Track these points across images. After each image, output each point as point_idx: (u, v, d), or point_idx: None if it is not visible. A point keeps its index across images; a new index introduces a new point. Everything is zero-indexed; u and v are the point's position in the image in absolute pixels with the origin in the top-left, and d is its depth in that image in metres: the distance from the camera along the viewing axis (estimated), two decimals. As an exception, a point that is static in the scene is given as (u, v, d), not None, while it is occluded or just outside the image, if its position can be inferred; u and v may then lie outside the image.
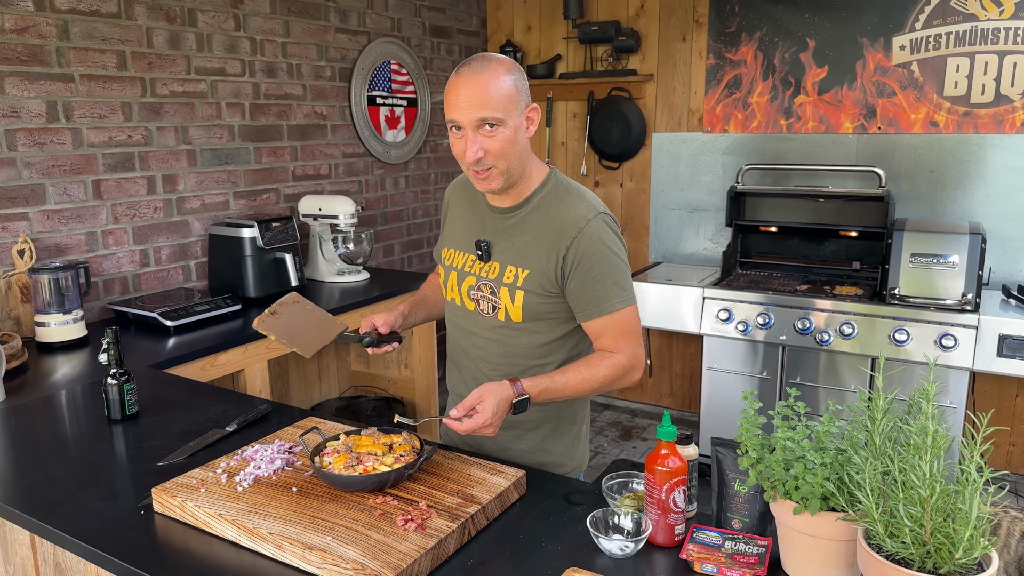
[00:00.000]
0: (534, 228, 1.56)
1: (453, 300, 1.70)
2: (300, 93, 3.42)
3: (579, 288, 1.53)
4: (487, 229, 1.63)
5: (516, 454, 1.67)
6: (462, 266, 1.66)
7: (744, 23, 3.84)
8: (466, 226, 1.68)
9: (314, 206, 3.29)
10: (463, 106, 1.43)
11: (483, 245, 1.60)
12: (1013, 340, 2.94)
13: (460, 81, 1.45)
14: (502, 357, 1.63)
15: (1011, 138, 3.38)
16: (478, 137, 1.44)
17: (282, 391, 3.44)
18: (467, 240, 1.66)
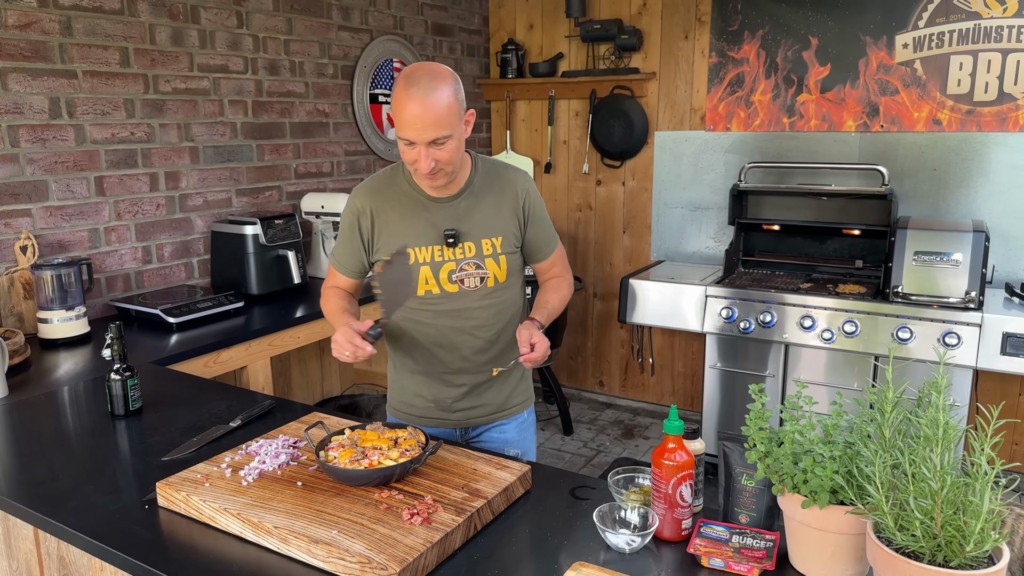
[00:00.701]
0: (488, 201, 1.79)
1: (429, 292, 1.78)
2: (303, 91, 3.42)
3: (536, 235, 1.85)
4: (444, 218, 1.76)
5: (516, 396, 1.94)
6: (431, 259, 1.76)
7: (747, 21, 3.84)
8: (414, 224, 1.77)
9: (316, 204, 3.29)
10: (417, 128, 1.58)
11: (451, 232, 1.75)
12: (1016, 338, 2.93)
13: (412, 104, 1.57)
14: (494, 317, 1.83)
15: (1014, 136, 3.38)
16: (430, 151, 1.60)
17: (284, 388, 3.43)
18: (425, 235, 1.76)
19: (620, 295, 3.74)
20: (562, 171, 4.57)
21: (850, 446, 1.07)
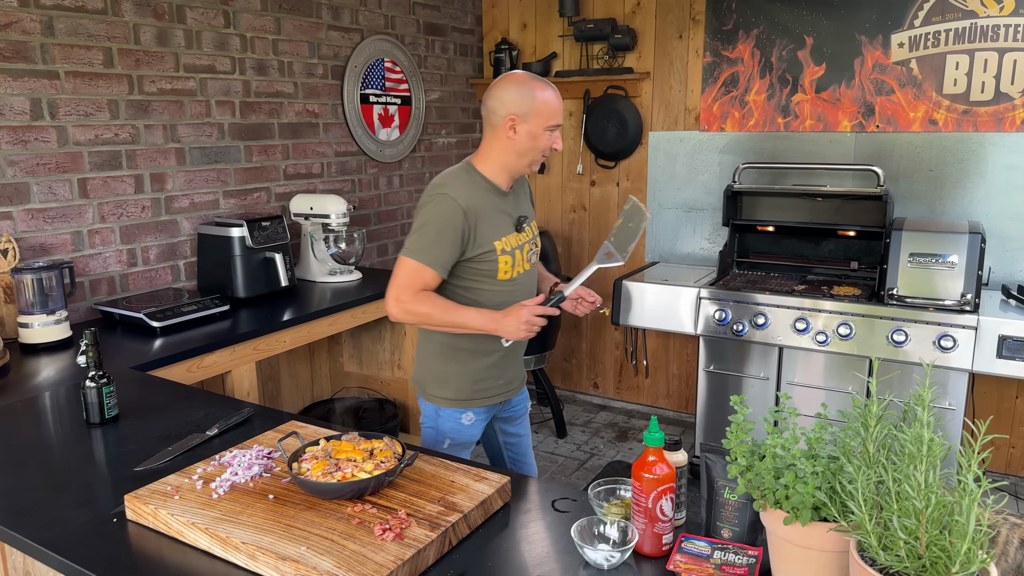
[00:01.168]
0: (521, 192, 2.12)
1: (519, 272, 2.03)
2: (292, 91, 3.38)
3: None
4: (511, 207, 2.04)
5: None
6: (513, 246, 2.01)
7: (741, 20, 3.80)
8: (498, 218, 1.98)
9: (305, 205, 3.25)
10: (561, 112, 1.97)
11: (522, 218, 2.05)
12: (1013, 341, 2.89)
13: (555, 95, 1.95)
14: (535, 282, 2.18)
15: (1011, 136, 3.34)
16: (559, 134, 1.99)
17: (273, 392, 3.40)
18: (505, 225, 2.00)
19: (613, 297, 3.70)
20: (556, 172, 4.53)
21: (834, 460, 1.03)
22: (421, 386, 2.11)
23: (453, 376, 2.05)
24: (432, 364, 2.07)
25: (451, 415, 2.06)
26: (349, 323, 2.97)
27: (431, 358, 2.08)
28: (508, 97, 1.92)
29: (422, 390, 2.11)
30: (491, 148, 1.98)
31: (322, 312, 2.83)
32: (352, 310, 2.96)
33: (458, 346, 2.03)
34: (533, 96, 1.91)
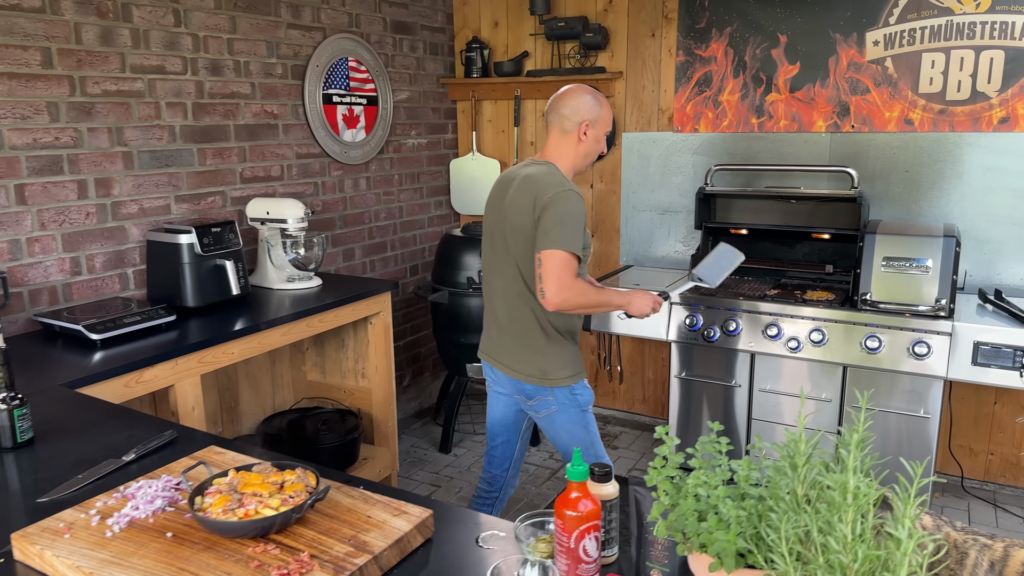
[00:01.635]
0: None
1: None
2: (248, 92, 3.27)
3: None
4: None
5: None
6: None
7: (714, 18, 3.71)
8: None
9: (262, 209, 3.14)
10: None
11: None
12: (987, 348, 2.81)
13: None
14: None
15: (987, 136, 3.26)
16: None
17: (231, 403, 3.29)
18: None
19: (585, 302, 3.61)
20: (530, 173, 4.43)
21: (762, 501, 0.94)
22: (545, 377, 2.31)
23: (570, 357, 2.36)
24: (553, 353, 2.32)
25: (582, 387, 2.38)
26: (304, 332, 2.86)
27: (550, 348, 2.32)
28: (583, 106, 2.25)
29: (548, 379, 2.31)
30: (563, 151, 2.29)
31: (275, 321, 2.73)
32: (308, 319, 2.86)
33: (571, 330, 2.38)
34: (600, 106, 2.28)
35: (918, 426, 3.00)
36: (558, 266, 2.08)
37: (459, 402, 3.99)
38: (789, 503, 0.88)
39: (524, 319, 2.30)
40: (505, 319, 2.35)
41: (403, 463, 3.81)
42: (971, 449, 3.52)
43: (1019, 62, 3.15)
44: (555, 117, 2.28)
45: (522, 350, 2.32)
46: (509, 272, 2.29)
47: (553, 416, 2.36)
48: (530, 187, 2.19)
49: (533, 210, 2.15)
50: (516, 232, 2.23)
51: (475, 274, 3.78)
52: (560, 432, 2.39)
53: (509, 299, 2.32)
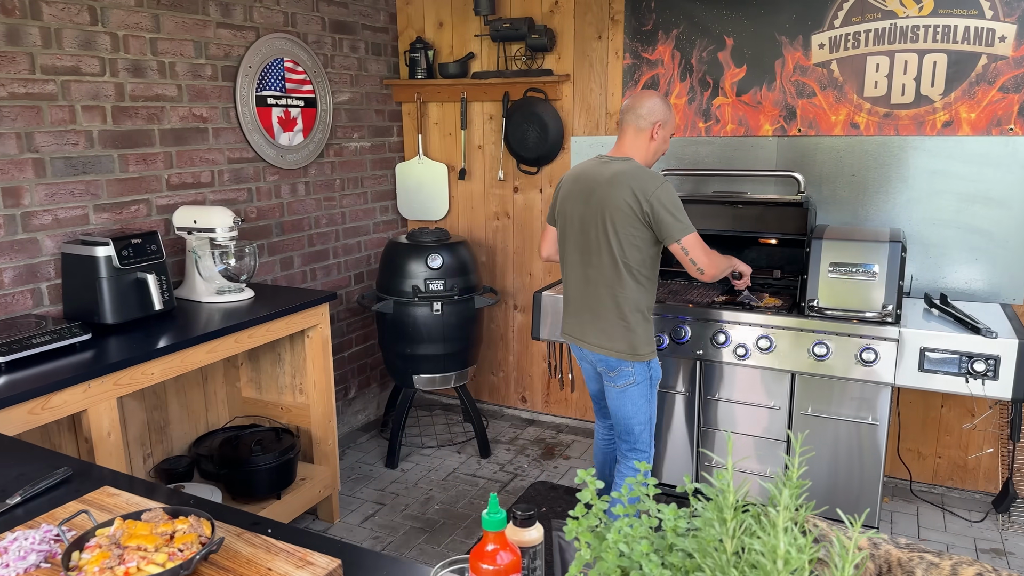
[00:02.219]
0: None
1: None
2: (175, 94, 3.10)
3: None
4: None
5: None
6: None
7: (661, 20, 3.65)
8: None
9: (188, 218, 2.98)
10: None
11: None
12: (933, 354, 2.79)
13: None
14: None
15: (932, 140, 3.26)
16: None
17: (160, 423, 3.11)
18: None
19: (533, 310, 3.52)
20: (478, 177, 4.33)
21: (690, 557, 0.84)
22: (635, 353, 2.63)
23: (652, 335, 2.69)
24: (639, 330, 2.62)
25: (656, 363, 2.72)
26: (233, 349, 2.71)
27: (637, 326, 2.62)
28: (657, 108, 2.60)
29: (637, 355, 2.63)
30: (638, 147, 2.63)
31: (199, 338, 2.57)
32: (237, 334, 2.71)
33: (650, 307, 2.68)
34: (670, 110, 2.64)
35: (867, 433, 2.97)
36: (699, 245, 2.54)
37: (406, 415, 3.86)
38: (717, 561, 0.79)
39: (617, 301, 2.61)
40: (604, 304, 2.64)
41: (347, 480, 3.67)
42: (919, 453, 3.52)
43: (961, 65, 3.15)
44: (631, 116, 2.62)
45: (613, 328, 2.63)
46: (606, 260, 2.60)
47: (629, 388, 2.68)
48: (627, 182, 2.52)
49: (638, 202, 2.50)
50: (617, 223, 2.54)
51: (421, 283, 3.66)
52: (628, 403, 2.70)
53: (602, 284, 2.63)
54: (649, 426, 2.77)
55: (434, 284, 3.68)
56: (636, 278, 2.59)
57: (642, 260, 2.58)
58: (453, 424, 4.39)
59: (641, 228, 2.53)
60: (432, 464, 3.87)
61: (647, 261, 2.60)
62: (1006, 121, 3.13)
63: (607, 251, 2.58)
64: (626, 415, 2.72)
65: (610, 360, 2.66)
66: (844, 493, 3.05)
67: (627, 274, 2.58)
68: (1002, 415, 3.27)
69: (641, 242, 2.55)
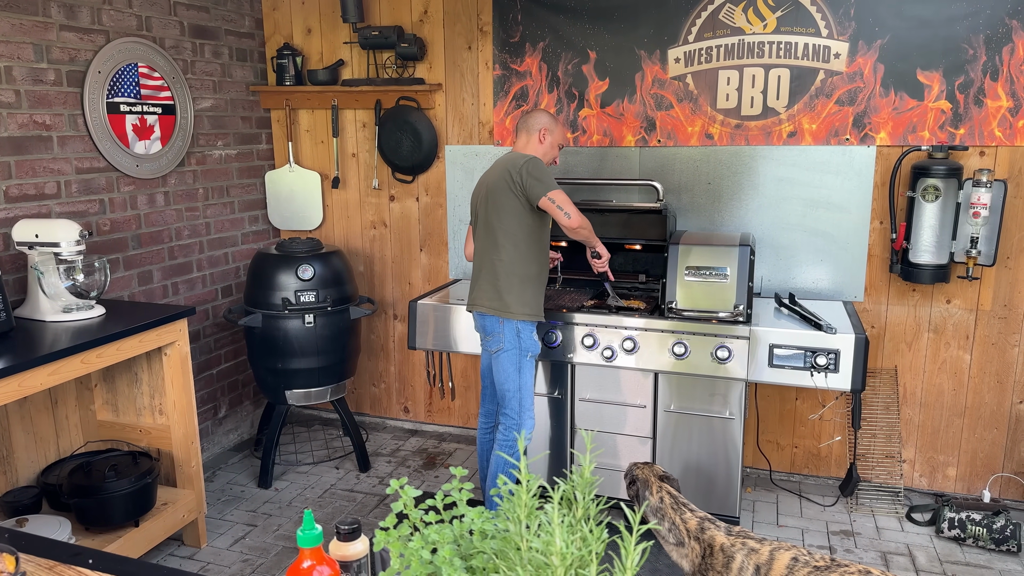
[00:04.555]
0: None
1: None
2: (12, 100, 2.90)
3: None
4: None
5: None
6: None
7: (527, 32, 3.73)
8: None
9: (29, 232, 2.79)
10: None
11: None
12: (781, 350, 2.98)
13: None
14: None
15: (779, 149, 3.48)
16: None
17: (3, 452, 2.89)
18: None
19: (409, 319, 3.51)
20: (352, 186, 4.27)
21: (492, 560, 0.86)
22: (505, 309, 2.91)
23: (526, 298, 2.94)
24: (513, 291, 2.92)
25: (529, 331, 2.97)
26: (80, 370, 2.55)
27: (512, 288, 2.92)
28: (543, 117, 3.01)
29: (505, 311, 2.91)
30: (529, 148, 3.01)
31: (39, 360, 2.41)
32: (83, 354, 2.55)
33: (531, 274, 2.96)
34: (556, 122, 3.04)
35: (724, 427, 3.13)
36: (564, 198, 2.83)
37: (279, 432, 3.75)
38: (512, 561, 0.81)
39: (494, 266, 2.93)
40: (486, 270, 2.96)
41: (216, 502, 3.53)
42: (777, 444, 3.74)
43: (802, 80, 3.39)
44: (522, 125, 3.03)
45: (490, 288, 2.94)
46: (489, 231, 2.94)
47: (500, 355, 2.95)
48: (506, 164, 2.91)
49: (510, 175, 2.85)
50: (496, 195, 2.90)
51: (291, 295, 3.58)
52: (499, 369, 2.97)
53: (488, 254, 2.96)
54: (519, 395, 2.99)
55: (305, 296, 3.60)
56: (515, 244, 2.91)
57: (519, 227, 2.89)
58: (332, 439, 4.30)
59: (513, 198, 2.86)
60: (308, 481, 3.78)
61: (524, 229, 2.91)
62: (843, 132, 3.38)
63: (490, 223, 2.95)
64: (499, 380, 2.99)
65: (485, 319, 2.97)
66: (707, 484, 3.20)
67: (505, 240, 2.91)
68: (847, 405, 3.53)
69: (516, 210, 2.88)
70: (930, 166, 3.18)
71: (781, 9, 3.35)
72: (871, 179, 3.39)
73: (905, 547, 3.17)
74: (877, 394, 3.47)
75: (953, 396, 3.45)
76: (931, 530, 3.28)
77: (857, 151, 3.38)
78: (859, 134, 3.36)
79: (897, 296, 3.45)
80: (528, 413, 3.03)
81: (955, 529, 3.17)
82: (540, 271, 3.02)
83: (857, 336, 2.91)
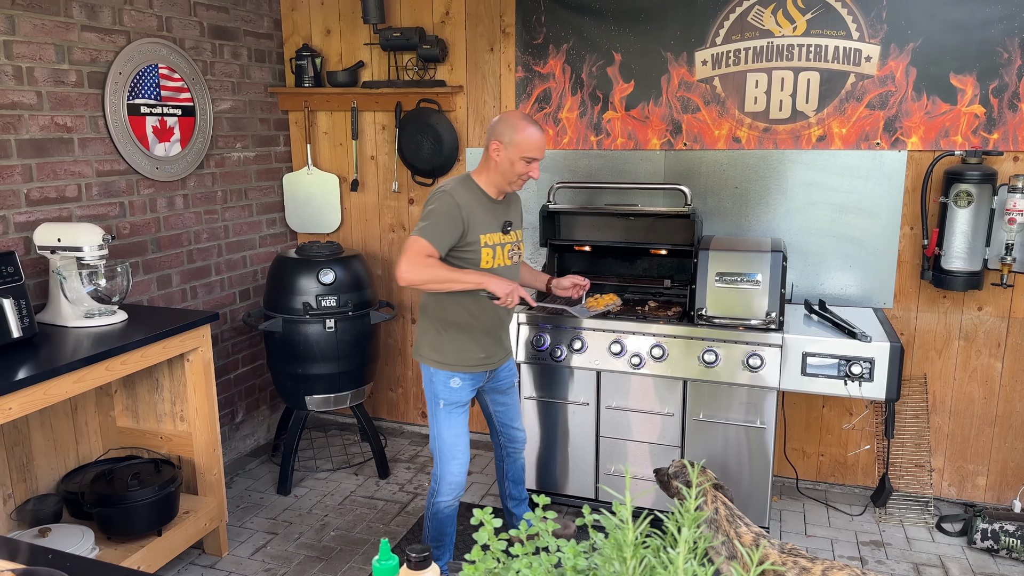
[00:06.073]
0: (514, 206, 2.76)
1: (499, 265, 2.62)
2: (34, 101, 2.86)
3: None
4: (500, 214, 2.65)
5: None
6: (496, 242, 2.61)
7: (551, 34, 3.68)
8: (487, 217, 2.59)
9: (52, 236, 2.74)
10: (542, 148, 2.57)
11: (508, 223, 2.67)
12: (814, 358, 2.93)
13: (539, 132, 2.55)
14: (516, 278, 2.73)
15: (807, 153, 3.43)
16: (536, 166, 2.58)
17: (22, 460, 2.85)
18: (493, 224, 2.61)
19: (429, 325, 3.45)
20: (371, 189, 4.22)
21: (589, 596, 0.82)
22: (417, 350, 2.71)
23: (444, 345, 2.64)
24: (428, 333, 2.67)
25: (442, 378, 2.65)
26: (104, 377, 2.51)
27: (428, 330, 2.67)
28: (499, 126, 2.55)
29: (418, 352, 2.70)
30: (481, 164, 2.64)
31: (64, 368, 2.36)
32: (108, 362, 2.50)
33: (450, 320, 2.62)
34: (516, 131, 2.50)
35: (755, 436, 3.08)
36: (410, 248, 2.42)
37: (298, 437, 3.70)
38: (617, 600, 0.76)
39: (425, 304, 2.71)
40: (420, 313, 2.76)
41: (236, 509, 3.48)
42: (804, 452, 3.69)
43: (832, 83, 3.33)
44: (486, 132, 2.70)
45: (419, 332, 2.75)
46: None
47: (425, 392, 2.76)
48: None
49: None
50: None
51: (312, 299, 3.53)
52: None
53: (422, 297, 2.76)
54: (436, 444, 2.69)
55: (326, 300, 3.55)
56: None
57: None
58: (350, 445, 4.25)
59: None
60: (327, 488, 3.73)
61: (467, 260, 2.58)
62: (873, 136, 3.33)
63: None
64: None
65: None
66: (736, 494, 3.15)
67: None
68: (877, 414, 3.48)
69: None
70: (963, 171, 3.13)
71: (811, 11, 3.30)
72: (902, 184, 3.34)
73: (937, 558, 3.12)
74: (906, 402, 3.42)
75: (984, 405, 3.40)
76: (962, 541, 3.23)
77: (888, 156, 3.33)
78: (890, 138, 3.31)
79: (927, 303, 3.40)
80: (447, 469, 2.68)
81: (988, 540, 3.12)
82: (467, 319, 2.63)
83: (892, 344, 2.86)
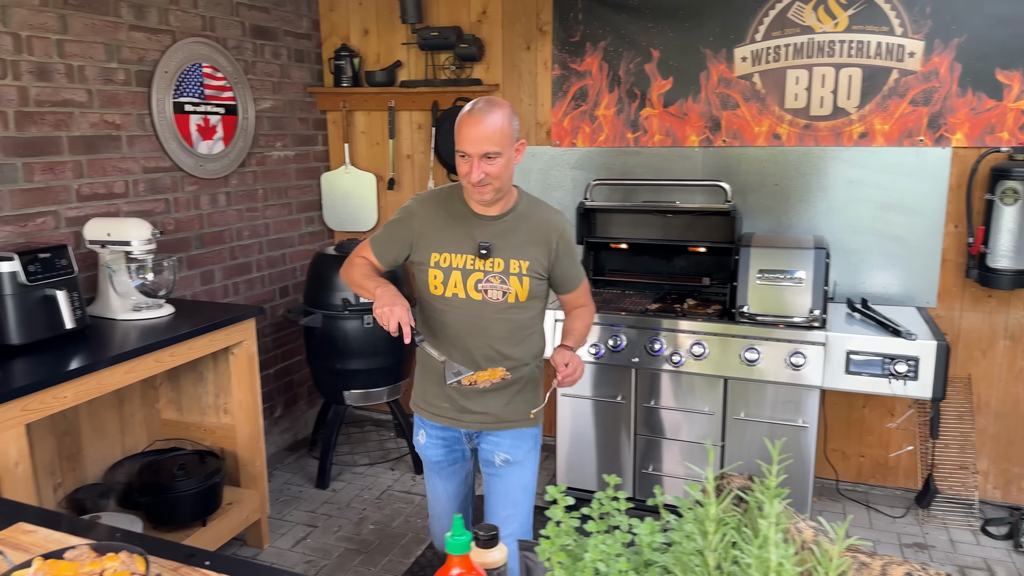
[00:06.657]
0: (524, 228, 2.07)
1: (456, 295, 2.06)
2: (85, 99, 2.92)
3: (565, 270, 2.13)
4: (482, 233, 2.04)
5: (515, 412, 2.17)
6: (463, 265, 2.05)
7: (588, 32, 3.68)
8: (453, 233, 2.06)
9: (102, 231, 2.80)
10: (472, 140, 1.89)
11: (485, 245, 2.03)
12: (858, 356, 2.89)
13: (470, 120, 1.92)
14: (510, 332, 2.09)
15: (849, 151, 3.39)
16: (482, 164, 1.90)
17: (72, 450, 2.90)
18: (461, 244, 2.05)
19: (466, 322, 3.47)
20: (407, 187, 4.25)
21: (667, 573, 0.82)
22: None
23: (416, 384, 2.28)
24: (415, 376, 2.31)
25: (415, 425, 2.29)
26: (153, 368, 2.56)
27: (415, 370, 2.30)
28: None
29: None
30: None
31: (117, 358, 2.41)
32: (157, 353, 2.55)
33: (421, 361, 2.22)
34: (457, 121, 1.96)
35: (797, 435, 3.05)
36: (358, 251, 2.22)
37: (337, 432, 3.74)
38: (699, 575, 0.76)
39: None
40: None
41: (275, 502, 3.52)
42: (844, 452, 3.64)
43: (875, 79, 3.30)
44: None
45: None
46: None
47: None
48: None
49: None
50: None
51: (351, 295, 3.56)
52: None
53: None
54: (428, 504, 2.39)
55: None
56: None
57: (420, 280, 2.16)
58: (386, 440, 4.28)
59: None
60: (365, 483, 3.75)
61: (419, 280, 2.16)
62: (916, 133, 3.29)
63: None
64: None
65: None
66: (776, 494, 3.12)
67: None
68: (920, 414, 3.42)
69: None
70: (1010, 168, 3.07)
71: (853, 7, 3.27)
72: (946, 181, 3.29)
73: (983, 561, 3.07)
74: (950, 403, 3.36)
75: (1031, 406, 3.33)
76: (1008, 544, 3.17)
77: (931, 152, 3.28)
78: (934, 135, 3.27)
79: (972, 302, 3.34)
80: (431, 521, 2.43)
81: (1036, 544, 3.06)
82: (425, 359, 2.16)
83: (939, 343, 2.82)
